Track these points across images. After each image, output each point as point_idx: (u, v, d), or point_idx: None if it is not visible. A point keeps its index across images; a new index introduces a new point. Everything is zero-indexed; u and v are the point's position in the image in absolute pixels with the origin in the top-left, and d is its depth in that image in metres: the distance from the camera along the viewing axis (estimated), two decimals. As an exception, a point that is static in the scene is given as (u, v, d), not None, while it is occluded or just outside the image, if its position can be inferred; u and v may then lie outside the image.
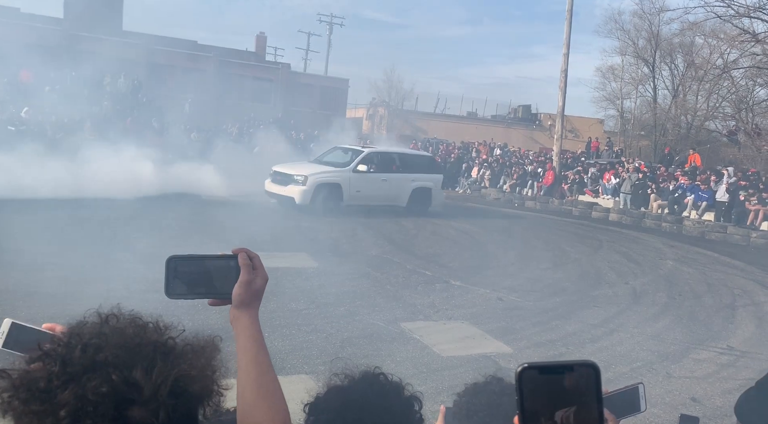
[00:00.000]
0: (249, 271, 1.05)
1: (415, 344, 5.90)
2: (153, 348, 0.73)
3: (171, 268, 1.03)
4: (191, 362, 0.75)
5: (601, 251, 12.55)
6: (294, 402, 4.12)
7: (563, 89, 22.07)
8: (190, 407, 0.74)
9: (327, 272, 8.48)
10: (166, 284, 1.02)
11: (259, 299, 1.07)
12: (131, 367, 0.70)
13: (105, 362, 0.69)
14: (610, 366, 5.75)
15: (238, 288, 1.04)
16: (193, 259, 1.05)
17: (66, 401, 0.66)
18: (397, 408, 1.33)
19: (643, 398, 1.51)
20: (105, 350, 0.71)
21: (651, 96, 31.11)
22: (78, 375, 0.68)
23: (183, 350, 0.76)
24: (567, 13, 21.56)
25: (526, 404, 0.67)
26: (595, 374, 0.70)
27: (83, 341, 0.71)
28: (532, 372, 0.68)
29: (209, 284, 1.05)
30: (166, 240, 9.56)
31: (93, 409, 0.67)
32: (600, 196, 20.42)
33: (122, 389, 0.68)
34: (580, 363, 0.70)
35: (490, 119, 38.93)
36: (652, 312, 7.91)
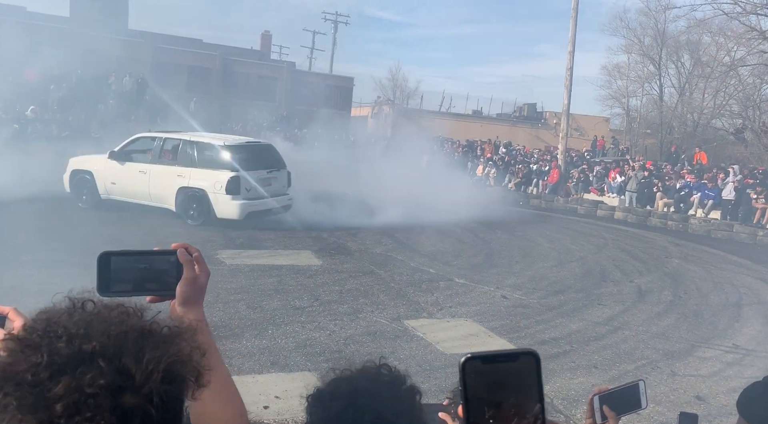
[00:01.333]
0: (191, 267, 1.02)
1: (418, 341, 5.89)
2: (139, 334, 0.72)
3: (104, 264, 0.98)
4: (179, 345, 0.73)
5: (606, 249, 12.50)
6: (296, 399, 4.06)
7: (569, 87, 22.00)
8: (180, 389, 0.73)
9: (330, 270, 8.48)
10: (99, 281, 0.96)
11: (203, 295, 1.05)
12: (120, 355, 0.68)
13: (93, 351, 0.68)
14: (614, 364, 5.73)
15: (183, 285, 1.01)
16: (129, 254, 1.01)
17: (60, 394, 0.65)
18: (405, 396, 1.33)
19: (644, 395, 1.49)
20: (92, 338, 0.69)
21: (657, 94, 30.95)
22: (69, 367, 0.66)
23: (169, 335, 0.74)
24: (572, 11, 21.49)
25: (470, 394, 0.69)
26: (536, 362, 0.71)
27: (68, 331, 0.69)
28: (476, 362, 0.69)
29: (148, 281, 1.01)
30: (173, 238, 9.57)
31: (92, 401, 0.65)
32: (605, 195, 20.34)
33: (115, 379, 0.67)
34: (522, 352, 0.72)
35: (496, 117, 38.86)
36: (657, 310, 7.87)
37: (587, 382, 5.21)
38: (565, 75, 21.99)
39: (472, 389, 0.69)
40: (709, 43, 27.71)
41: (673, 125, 29.07)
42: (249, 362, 4.93)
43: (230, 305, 6.34)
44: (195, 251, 1.04)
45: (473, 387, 0.69)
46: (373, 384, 1.31)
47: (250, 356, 5.06)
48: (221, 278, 7.44)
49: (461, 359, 0.69)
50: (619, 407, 1.43)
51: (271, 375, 4.76)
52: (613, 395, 1.44)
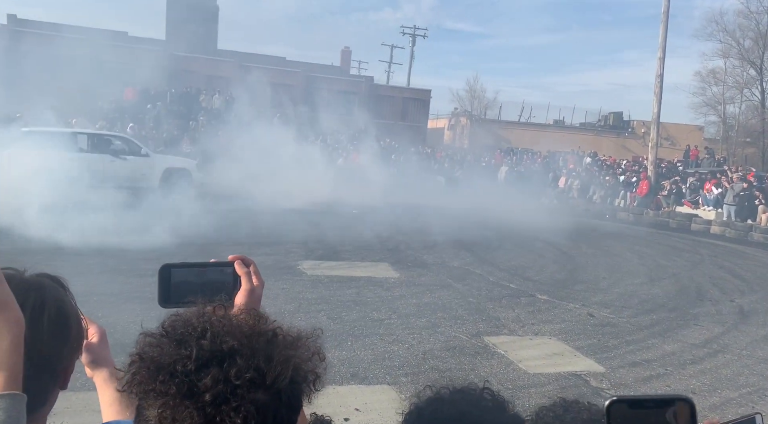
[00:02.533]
0: (250, 279, 1.06)
1: (499, 359, 5.71)
2: (267, 337, 0.78)
3: (165, 276, 1.01)
4: (304, 350, 0.80)
5: (702, 266, 11.68)
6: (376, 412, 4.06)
7: (658, 95, 20.95)
8: (302, 390, 0.79)
9: (408, 283, 8.44)
10: (160, 293, 1.00)
11: (259, 305, 1.08)
12: (254, 355, 0.75)
13: (232, 349, 0.75)
14: (715, 391, 5.29)
15: (242, 297, 1.04)
16: (188, 266, 1.04)
17: (209, 385, 0.72)
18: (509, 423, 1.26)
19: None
20: (232, 337, 0.76)
21: (758, 100, 28.83)
22: (213, 361, 0.73)
23: (293, 339, 0.80)
24: (663, 15, 20.50)
25: None
26: (691, 411, 0.63)
27: (213, 329, 0.77)
28: (622, 406, 0.62)
29: (206, 292, 1.03)
30: (257, 248, 9.89)
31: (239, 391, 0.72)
32: (700, 208, 19.09)
33: (252, 375, 0.74)
34: (676, 398, 0.64)
35: (579, 127, 37.63)
36: (763, 333, 7.23)
37: (685, 409, 4.84)
38: (655, 82, 20.96)
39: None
40: (818, 44, 25.52)
41: (777, 133, 26.93)
42: (329, 373, 4.94)
43: (311, 315, 6.43)
44: (251, 263, 1.09)
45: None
46: (477, 409, 1.25)
47: (331, 367, 5.08)
48: (302, 288, 7.58)
49: (606, 402, 0.63)
50: None
51: (351, 387, 4.76)
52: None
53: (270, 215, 13.53)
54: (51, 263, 7.59)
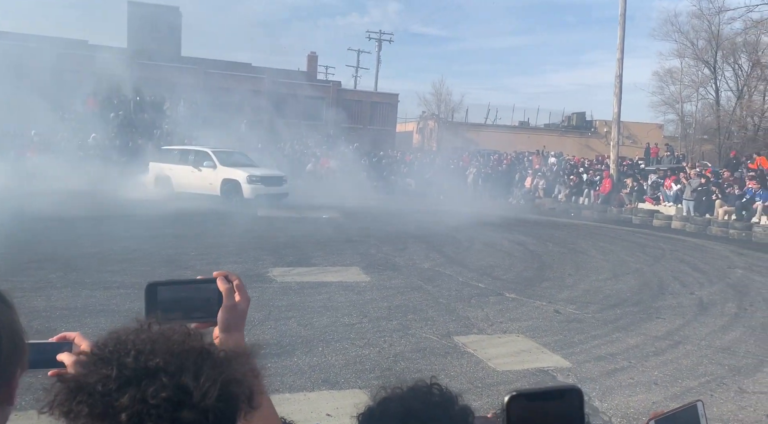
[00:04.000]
0: (231, 295, 1.06)
1: (469, 358, 5.81)
2: (199, 354, 0.76)
3: (151, 294, 1.04)
4: (236, 367, 0.77)
5: (664, 261, 12.04)
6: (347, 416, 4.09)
7: (618, 95, 21.50)
8: (234, 409, 0.76)
9: (379, 286, 8.50)
10: (147, 309, 1.02)
11: (244, 321, 1.08)
12: (181, 372, 0.73)
13: (157, 367, 0.72)
14: (675, 381, 5.48)
15: (223, 312, 1.05)
16: (173, 284, 1.06)
17: (126, 404, 0.69)
18: (458, 417, 1.31)
19: (704, 416, 1.42)
20: (157, 355, 0.74)
21: (713, 98, 29.83)
22: (135, 380, 0.71)
23: (226, 356, 0.78)
24: (620, 17, 21.06)
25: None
26: (579, 399, 0.71)
27: (136, 347, 0.75)
28: (521, 400, 0.68)
29: (191, 309, 1.05)
30: (223, 256, 9.83)
31: (154, 412, 0.70)
32: (661, 204, 19.65)
33: (176, 394, 0.71)
34: (566, 389, 0.71)
35: (543, 128, 38.31)
36: (721, 324, 7.50)
37: (647, 399, 5.00)
38: (615, 82, 21.51)
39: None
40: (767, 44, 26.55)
41: (732, 130, 27.89)
42: (300, 380, 4.97)
43: (281, 322, 6.43)
44: (235, 279, 1.08)
45: None
46: (424, 405, 1.30)
47: (301, 374, 5.11)
48: (272, 295, 7.56)
49: (506, 397, 0.69)
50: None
51: (322, 392, 4.79)
52: (670, 419, 1.38)
53: (238, 222, 13.46)
54: (11, 279, 7.42)
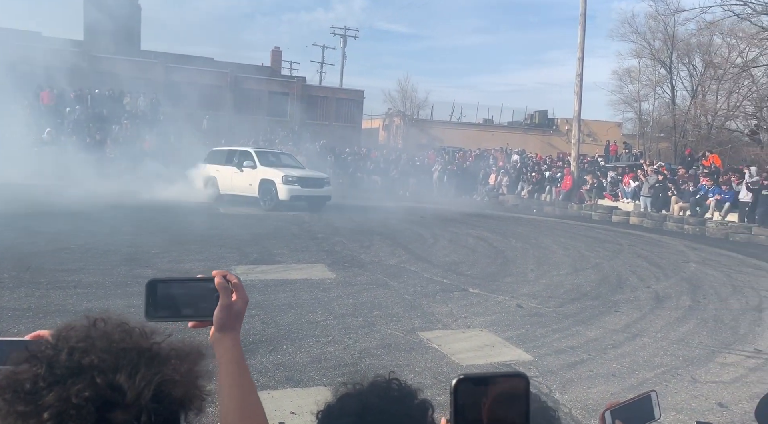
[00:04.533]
0: (228, 294, 1.06)
1: (433, 353, 5.86)
2: (138, 353, 0.74)
3: (151, 291, 1.05)
4: (175, 366, 0.76)
5: (622, 255, 12.37)
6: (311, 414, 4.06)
7: (579, 94, 21.95)
8: (172, 411, 0.75)
9: (344, 283, 8.49)
10: (146, 306, 1.04)
11: (240, 321, 1.08)
12: (115, 371, 0.71)
13: (90, 365, 0.71)
14: (633, 372, 5.64)
15: (219, 311, 1.05)
16: (173, 281, 1.07)
17: (50, 403, 0.68)
18: (416, 412, 1.32)
19: (657, 405, 1.47)
20: (91, 353, 0.72)
21: (669, 97, 30.76)
22: (63, 378, 0.70)
23: (168, 355, 0.77)
24: (580, 17, 21.49)
25: (459, 414, 0.70)
26: (525, 385, 0.73)
27: (69, 344, 0.73)
28: (467, 384, 0.70)
29: (189, 307, 1.06)
30: (185, 254, 9.66)
31: (76, 412, 0.68)
32: (620, 200, 20.18)
33: (106, 393, 0.69)
34: (512, 374, 0.73)
35: (507, 126, 38.83)
36: (675, 316, 7.76)
37: (606, 391, 5.14)
38: (575, 81, 21.95)
39: (463, 408, 0.69)
40: (720, 45, 27.57)
41: (687, 128, 28.81)
42: (264, 378, 4.93)
43: (245, 320, 6.30)
44: (234, 278, 1.09)
45: (463, 407, 0.70)
46: (382, 400, 1.30)
47: (265, 372, 5.06)
48: (236, 293, 7.47)
49: (453, 381, 0.70)
50: (633, 420, 1.41)
51: (286, 391, 4.75)
52: (625, 409, 1.41)
53: (201, 219, 13.24)
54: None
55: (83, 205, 14.17)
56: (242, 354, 1.06)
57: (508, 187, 23.91)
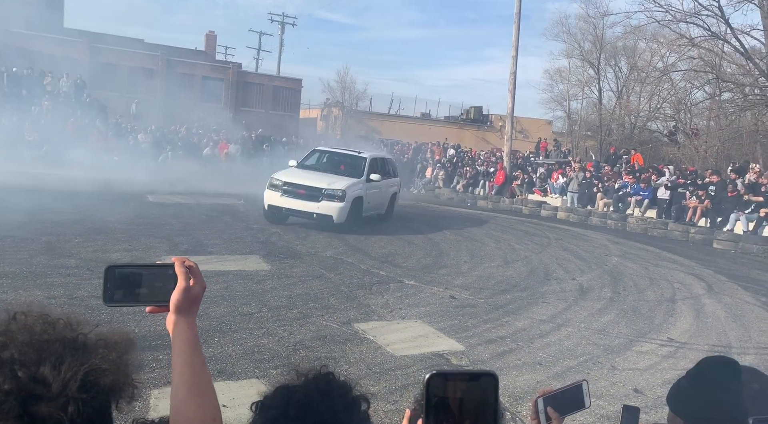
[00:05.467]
0: (186, 278, 1.08)
1: (368, 344, 5.91)
2: (62, 344, 0.74)
3: (110, 276, 1.06)
4: (103, 356, 0.75)
5: (550, 248, 12.88)
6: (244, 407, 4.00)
7: (512, 91, 22.55)
8: (101, 400, 0.74)
9: (279, 275, 8.40)
10: (104, 291, 1.06)
11: (196, 305, 1.10)
12: (38, 363, 0.70)
13: (11, 359, 0.70)
14: (558, 361, 5.91)
15: (176, 294, 1.07)
16: (131, 267, 1.10)
17: None
18: (339, 407, 1.33)
19: (587, 394, 1.55)
20: (11, 347, 0.71)
21: (596, 97, 32.12)
22: None
23: (95, 345, 0.76)
24: (515, 16, 22.06)
25: (430, 410, 0.73)
26: (494, 383, 0.77)
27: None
28: (439, 379, 0.73)
29: (147, 292, 1.08)
30: (111, 244, 9.25)
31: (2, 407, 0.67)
32: (548, 195, 20.96)
33: (29, 386, 0.68)
34: (483, 373, 0.76)
35: (444, 120, 39.40)
36: (597, 307, 8.18)
37: (532, 379, 5.36)
38: (509, 79, 22.53)
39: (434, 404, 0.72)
40: (644, 49, 29.01)
41: (612, 127, 30.23)
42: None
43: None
44: (192, 264, 1.11)
45: (435, 402, 0.72)
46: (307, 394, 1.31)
47: (197, 365, 4.95)
48: (166, 285, 7.24)
49: (426, 376, 0.73)
50: (563, 408, 1.48)
51: (218, 384, 4.65)
52: (556, 397, 1.48)
53: (129, 208, 12.70)
54: None
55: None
56: (197, 336, 1.08)
57: (444, 181, 24.32)
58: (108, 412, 0.77)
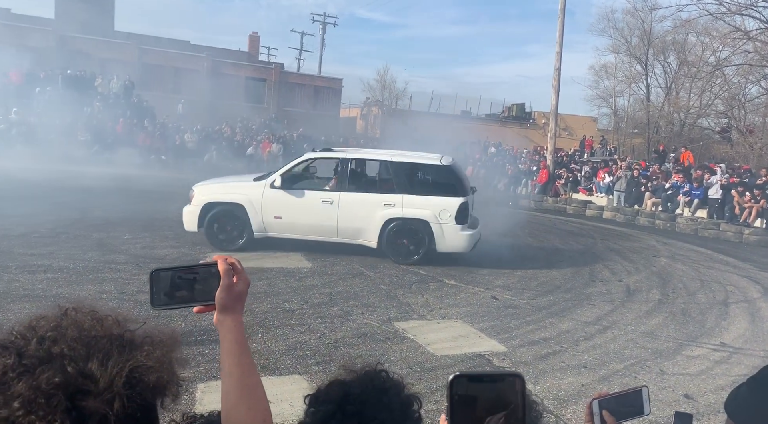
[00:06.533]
0: (229, 275, 1.07)
1: (408, 343, 5.89)
2: (109, 340, 0.75)
3: (155, 280, 1.07)
4: (148, 353, 0.76)
5: (595, 249, 12.57)
6: (287, 402, 4.07)
7: (556, 87, 22.12)
8: (146, 397, 0.75)
9: (320, 272, 8.46)
10: (151, 295, 1.07)
11: (242, 303, 1.09)
12: (87, 359, 0.71)
13: (61, 354, 0.71)
14: (603, 364, 5.76)
15: (220, 292, 1.06)
16: (175, 269, 1.10)
17: (20, 392, 0.67)
18: (395, 405, 1.32)
19: (647, 401, 1.47)
20: (61, 342, 0.72)
21: (644, 94, 31.22)
22: (33, 367, 0.69)
23: (141, 342, 0.77)
24: (560, 11, 21.61)
25: (455, 411, 0.70)
26: (521, 384, 0.73)
27: (39, 334, 0.73)
28: (463, 380, 0.71)
29: (192, 293, 1.09)
30: (159, 241, 9.51)
31: (45, 400, 0.67)
32: (594, 194, 20.47)
33: (77, 381, 0.69)
34: (508, 373, 0.74)
35: (484, 118, 38.98)
36: (645, 309, 7.93)
37: (577, 382, 5.23)
38: (553, 75, 22.11)
39: (458, 405, 0.70)
40: (694, 43, 28.02)
41: (660, 125, 29.31)
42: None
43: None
44: (234, 261, 1.11)
45: (459, 404, 0.70)
46: (363, 390, 1.30)
47: (240, 360, 5.03)
48: (210, 281, 7.39)
49: (449, 377, 0.70)
50: (620, 413, 1.41)
51: (261, 379, 4.73)
52: (613, 400, 1.42)
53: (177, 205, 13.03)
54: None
55: (51, 189, 13.84)
56: (244, 335, 1.08)
57: (485, 180, 24.04)
58: (153, 409, 0.77)
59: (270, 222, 9.45)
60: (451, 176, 9.58)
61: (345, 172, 9.56)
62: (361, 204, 9.37)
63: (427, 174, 9.81)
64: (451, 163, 9.80)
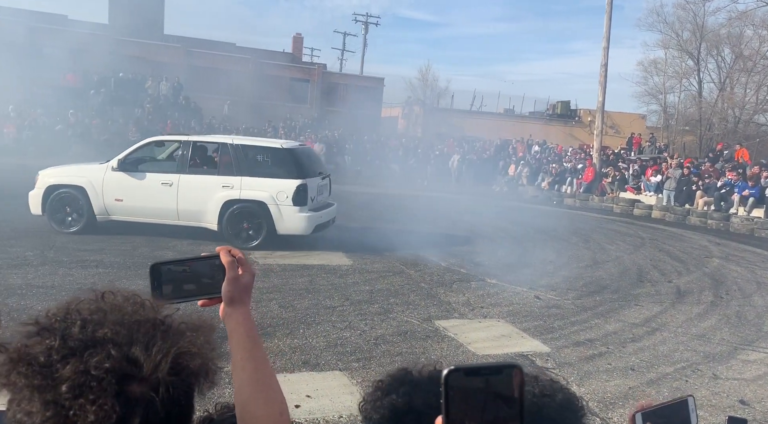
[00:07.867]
0: (234, 267, 1.05)
1: (449, 342, 5.84)
2: (152, 325, 0.74)
3: (155, 274, 1.04)
4: (191, 339, 0.75)
5: (644, 249, 12.19)
6: (327, 398, 4.09)
7: (603, 84, 21.58)
8: (189, 383, 0.75)
9: (361, 270, 8.49)
10: (152, 290, 1.03)
11: (248, 295, 1.07)
12: (130, 344, 0.71)
13: (105, 338, 0.70)
14: (652, 367, 5.57)
15: (226, 285, 1.04)
16: (177, 263, 1.07)
17: (67, 376, 0.67)
18: None
19: (694, 412, 1.37)
20: (105, 326, 0.71)
21: (696, 90, 30.09)
22: (79, 350, 0.69)
23: (180, 328, 0.76)
24: (607, 5, 21.08)
25: (450, 407, 0.67)
26: (520, 376, 0.69)
27: (82, 317, 0.72)
28: (459, 375, 0.67)
29: (196, 285, 1.06)
30: (203, 237, 9.73)
31: (96, 384, 0.67)
32: (642, 193, 19.86)
33: (122, 366, 0.69)
34: (505, 365, 0.69)
35: (528, 116, 38.33)
36: (697, 311, 7.63)
37: (624, 384, 5.07)
38: (600, 71, 21.58)
39: (454, 401, 0.66)
40: (751, 37, 26.84)
41: (713, 121, 28.20)
42: (281, 361, 4.96)
43: (263, 304, 6.40)
44: (239, 253, 1.08)
45: (455, 400, 0.66)
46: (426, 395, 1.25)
47: (282, 355, 5.09)
48: (253, 277, 7.52)
49: (444, 372, 0.67)
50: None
51: (302, 374, 4.78)
52: (658, 412, 1.34)
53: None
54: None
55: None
56: (254, 327, 1.05)
57: (528, 178, 23.66)
58: (192, 395, 0.77)
59: (111, 205, 9.49)
60: (290, 159, 9.54)
61: (186, 155, 9.58)
62: (201, 186, 9.38)
63: (266, 157, 9.73)
64: (293, 147, 9.91)
